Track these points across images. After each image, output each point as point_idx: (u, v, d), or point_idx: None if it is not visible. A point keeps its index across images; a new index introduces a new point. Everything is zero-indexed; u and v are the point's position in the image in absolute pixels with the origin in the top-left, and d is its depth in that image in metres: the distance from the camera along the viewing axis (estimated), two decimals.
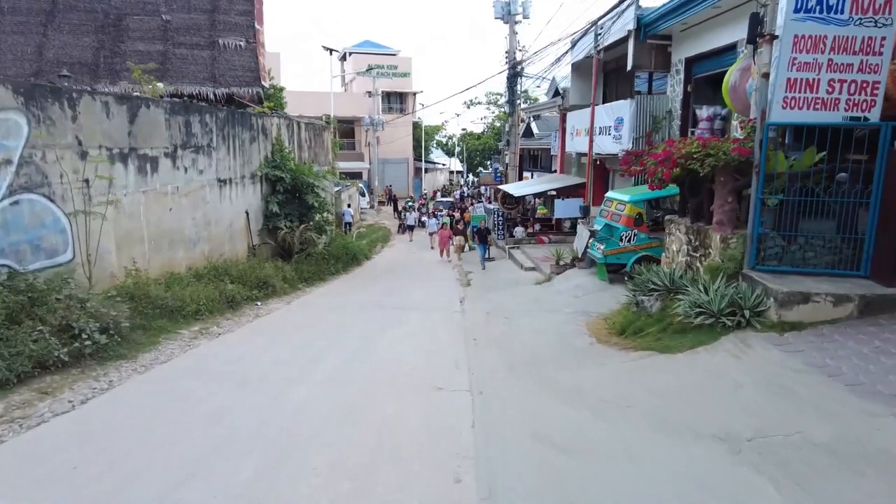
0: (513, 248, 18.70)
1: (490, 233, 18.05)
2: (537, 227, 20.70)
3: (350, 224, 28.42)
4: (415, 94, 44.61)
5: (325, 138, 20.88)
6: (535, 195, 22.14)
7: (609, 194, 12.29)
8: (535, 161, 37.04)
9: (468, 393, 5.76)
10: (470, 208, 26.64)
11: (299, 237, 14.61)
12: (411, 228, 26.76)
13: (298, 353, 7.49)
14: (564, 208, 18.73)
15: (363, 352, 7.60)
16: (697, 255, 7.96)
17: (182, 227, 11.35)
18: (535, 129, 34.50)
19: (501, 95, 56.14)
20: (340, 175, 38.30)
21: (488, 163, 62.05)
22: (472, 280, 15.41)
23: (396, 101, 44.70)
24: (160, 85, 12.55)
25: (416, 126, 51.45)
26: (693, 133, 12.50)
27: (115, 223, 9.38)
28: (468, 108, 56.54)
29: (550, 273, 13.54)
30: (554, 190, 20.71)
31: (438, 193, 45.00)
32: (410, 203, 33.98)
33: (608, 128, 14.73)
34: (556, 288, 12.14)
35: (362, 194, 35.57)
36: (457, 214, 28.83)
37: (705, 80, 12.64)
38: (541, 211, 24.47)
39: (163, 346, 7.60)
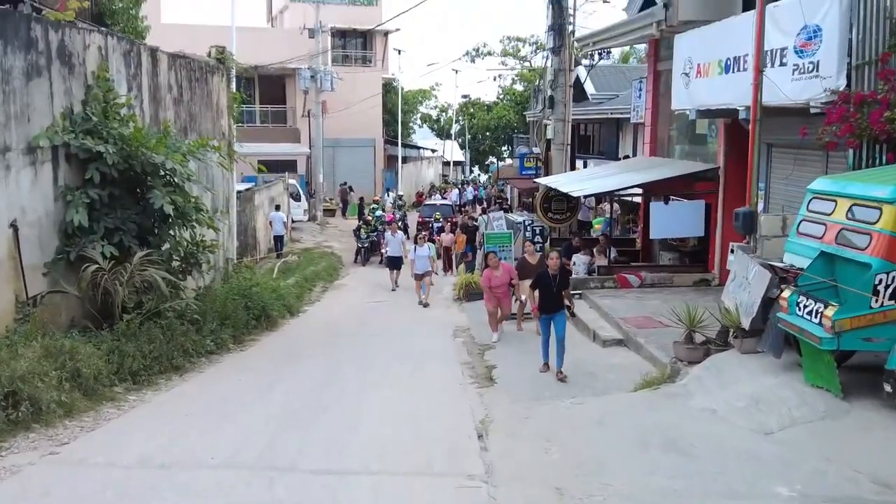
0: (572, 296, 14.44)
1: (568, 285, 11.13)
2: (611, 254, 16.50)
3: (282, 239, 25.31)
4: (386, 34, 41.06)
5: (214, 89, 16.76)
6: (603, 196, 17.98)
7: (823, 185, 8.13)
8: (586, 144, 33.15)
9: None
10: (482, 219, 22.20)
11: (130, 280, 10.36)
12: (397, 264, 20.62)
13: None
14: (672, 220, 14.67)
15: None
16: None
17: None
18: (589, 89, 30.73)
19: (525, 42, 52.91)
20: (259, 164, 34.21)
21: (504, 149, 58.42)
22: (497, 367, 11.15)
23: (356, 44, 41.12)
24: None
25: (390, 89, 47.72)
26: None
27: None
28: (472, 60, 53.00)
29: (675, 360, 9.31)
30: (636, 187, 16.56)
31: (425, 195, 40.86)
32: (378, 211, 29.76)
33: (781, 52, 10.70)
34: (701, 403, 7.99)
35: (295, 197, 31.44)
36: (438, 235, 24.29)
37: None
38: (597, 226, 20.69)
39: None
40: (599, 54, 18.74)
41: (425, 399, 9.29)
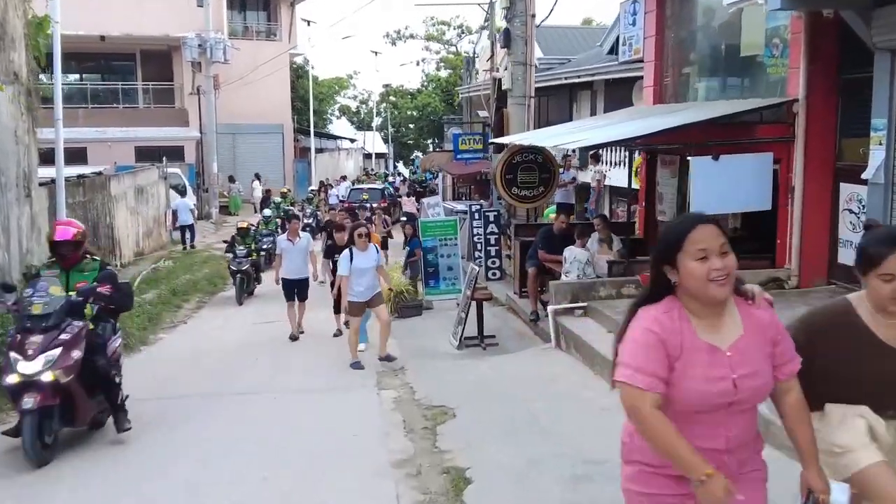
0: (566, 313, 8.77)
1: None
2: (616, 245, 10.72)
3: (192, 228, 21.90)
4: (292, 3, 34.69)
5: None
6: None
7: None
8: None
9: None
10: (408, 205, 16.24)
11: None
12: (300, 292, 11.49)
13: None
14: (724, 186, 8.94)
15: None
16: None
17: None
18: (536, 52, 25.21)
19: (450, 25, 47.41)
20: (139, 151, 27.60)
21: (431, 142, 52.47)
22: (474, 479, 5.17)
23: (258, 16, 34.50)
24: None
25: (301, 73, 41.23)
26: None
27: None
28: (393, 44, 46.99)
29: None
30: (663, 133, 10.90)
31: (345, 182, 34.66)
32: (284, 205, 23.56)
33: None
34: None
35: (180, 191, 24.68)
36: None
37: None
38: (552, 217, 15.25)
39: None
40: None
41: None
